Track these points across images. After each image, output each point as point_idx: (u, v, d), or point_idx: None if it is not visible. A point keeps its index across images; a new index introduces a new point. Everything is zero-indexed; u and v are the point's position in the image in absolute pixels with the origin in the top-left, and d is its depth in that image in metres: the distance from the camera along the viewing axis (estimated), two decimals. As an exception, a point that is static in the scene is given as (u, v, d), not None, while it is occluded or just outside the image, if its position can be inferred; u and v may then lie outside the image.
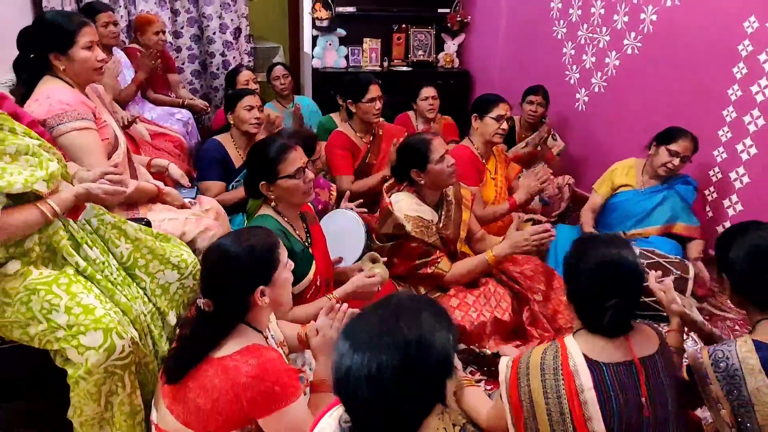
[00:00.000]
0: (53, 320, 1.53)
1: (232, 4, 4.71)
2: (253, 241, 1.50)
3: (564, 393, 1.46)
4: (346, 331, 1.05)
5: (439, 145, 2.43)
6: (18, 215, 1.53)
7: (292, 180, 2.03)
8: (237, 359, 1.39)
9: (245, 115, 2.98)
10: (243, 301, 1.47)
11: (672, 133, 2.98)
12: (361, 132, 3.46)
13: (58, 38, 2.05)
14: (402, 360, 0.98)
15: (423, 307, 1.06)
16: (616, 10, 3.67)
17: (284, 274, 1.55)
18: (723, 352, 1.55)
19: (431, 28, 5.33)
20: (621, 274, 1.48)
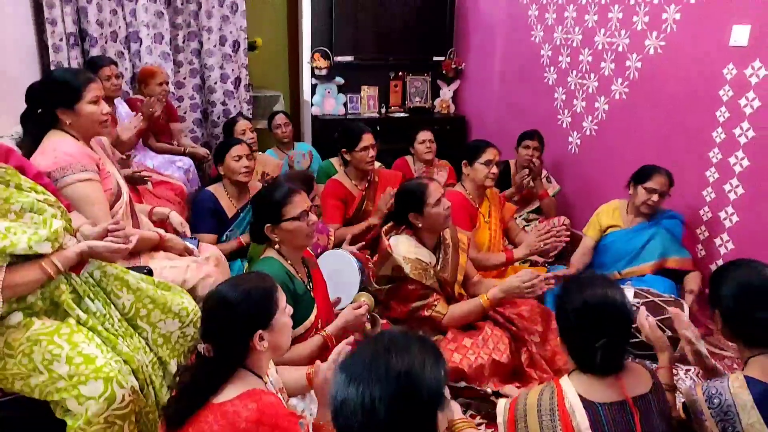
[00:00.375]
0: (54, 371, 1.56)
1: (233, 55, 4.86)
2: (251, 285, 1.53)
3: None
4: (342, 365, 1.10)
5: (435, 189, 2.51)
6: (21, 274, 1.57)
7: (296, 222, 2.11)
8: (236, 404, 1.41)
9: (234, 165, 3.04)
10: (242, 345, 1.49)
11: (646, 172, 3.08)
12: (357, 179, 3.54)
13: (66, 94, 2.13)
14: (393, 391, 1.03)
15: (413, 341, 1.12)
16: (603, 57, 3.80)
17: (283, 319, 1.57)
18: (716, 389, 1.58)
19: (427, 76, 5.49)
20: (608, 314, 1.52)
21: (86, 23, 4.20)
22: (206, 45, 4.77)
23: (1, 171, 1.64)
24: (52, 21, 3.98)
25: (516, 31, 4.67)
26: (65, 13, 4.04)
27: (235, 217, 3.09)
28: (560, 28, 4.17)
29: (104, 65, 3.67)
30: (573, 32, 4.05)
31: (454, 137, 5.25)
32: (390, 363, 1.06)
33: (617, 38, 3.68)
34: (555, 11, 4.20)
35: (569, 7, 4.05)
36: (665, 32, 3.35)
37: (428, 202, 2.47)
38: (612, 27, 3.71)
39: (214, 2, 4.68)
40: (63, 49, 4.05)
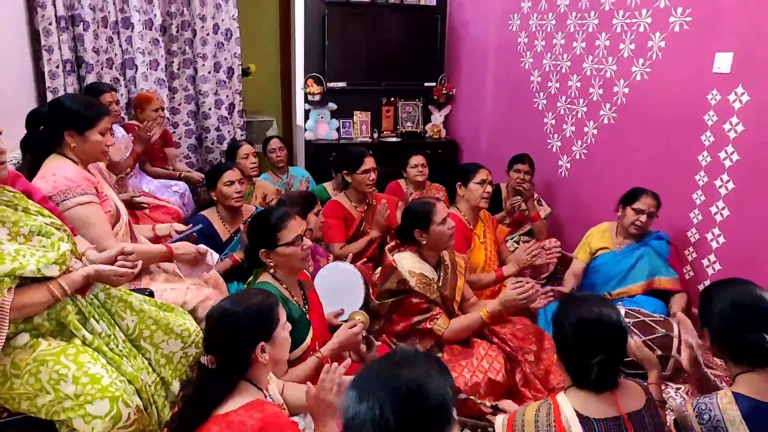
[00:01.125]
0: (61, 390, 1.58)
1: (227, 81, 4.93)
2: (253, 300, 1.59)
3: (556, 449, 1.51)
4: (354, 382, 1.13)
5: (441, 209, 2.59)
6: (30, 295, 1.60)
7: (291, 247, 2.13)
8: (241, 413, 1.43)
9: (226, 190, 3.09)
10: (244, 357, 1.53)
11: (633, 193, 3.18)
12: (356, 202, 3.61)
13: (80, 120, 2.19)
14: (401, 404, 1.06)
15: (423, 357, 1.16)
16: (591, 83, 3.91)
17: (283, 333, 1.62)
18: (706, 405, 1.62)
19: (419, 101, 5.60)
20: (604, 332, 1.57)
21: (82, 50, 4.26)
22: (201, 71, 4.84)
23: (10, 195, 1.68)
24: (49, 48, 4.04)
25: (506, 57, 4.79)
26: (62, 40, 4.10)
27: (228, 241, 3.13)
28: (549, 54, 4.28)
29: (105, 91, 3.72)
30: (562, 59, 4.16)
31: (445, 161, 5.33)
32: (400, 376, 1.09)
33: (605, 65, 3.79)
34: (544, 38, 4.32)
35: (558, 34, 4.18)
36: (651, 59, 3.46)
37: (434, 220, 2.54)
38: (599, 54, 3.82)
39: (209, 29, 4.76)
40: (59, 76, 4.11)
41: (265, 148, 4.48)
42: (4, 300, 1.53)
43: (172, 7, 4.64)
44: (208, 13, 4.72)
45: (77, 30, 4.22)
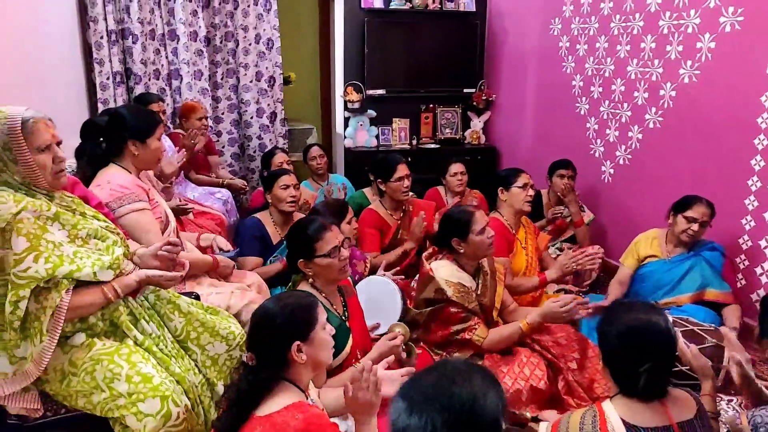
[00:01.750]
0: (115, 389, 1.64)
1: (269, 90, 5.02)
2: (291, 300, 1.62)
3: (603, 457, 1.48)
4: (403, 392, 1.12)
5: (481, 218, 2.56)
6: (84, 297, 1.68)
7: (328, 259, 2.14)
8: (284, 414, 1.45)
9: (282, 193, 3.15)
10: (281, 355, 1.55)
11: (686, 201, 3.06)
12: (392, 209, 3.61)
13: (143, 128, 2.31)
14: (455, 421, 1.04)
15: (476, 371, 1.13)
16: (636, 87, 3.84)
17: (322, 334, 1.63)
18: (762, 417, 1.56)
19: (458, 107, 5.58)
20: (653, 339, 1.53)
21: (131, 62, 4.41)
22: (243, 81, 4.95)
23: (69, 200, 1.77)
24: (100, 61, 4.20)
25: (547, 62, 4.74)
26: (112, 53, 4.26)
27: (279, 244, 3.18)
28: (592, 59, 4.22)
29: (153, 102, 3.84)
30: (605, 63, 4.10)
31: (485, 168, 5.29)
32: (453, 392, 1.07)
33: (651, 68, 3.71)
34: (586, 42, 4.27)
35: (601, 38, 4.11)
36: (700, 61, 3.37)
37: (473, 229, 2.52)
38: (645, 57, 3.75)
39: (251, 39, 4.87)
40: (109, 87, 4.26)
41: (305, 155, 4.54)
42: (62, 300, 1.59)
43: (216, 19, 4.76)
44: (250, 23, 4.83)
45: (126, 43, 4.37)
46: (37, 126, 1.67)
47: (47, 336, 1.60)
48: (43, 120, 1.70)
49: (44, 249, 1.59)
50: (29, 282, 1.55)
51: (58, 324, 1.61)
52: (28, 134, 1.64)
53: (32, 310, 1.59)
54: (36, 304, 1.60)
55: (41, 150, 1.67)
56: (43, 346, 1.60)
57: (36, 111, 1.71)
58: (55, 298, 1.59)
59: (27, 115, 1.66)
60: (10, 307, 1.56)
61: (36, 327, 1.59)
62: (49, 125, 1.72)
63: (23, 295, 1.54)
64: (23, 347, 1.62)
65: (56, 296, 1.60)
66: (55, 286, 1.60)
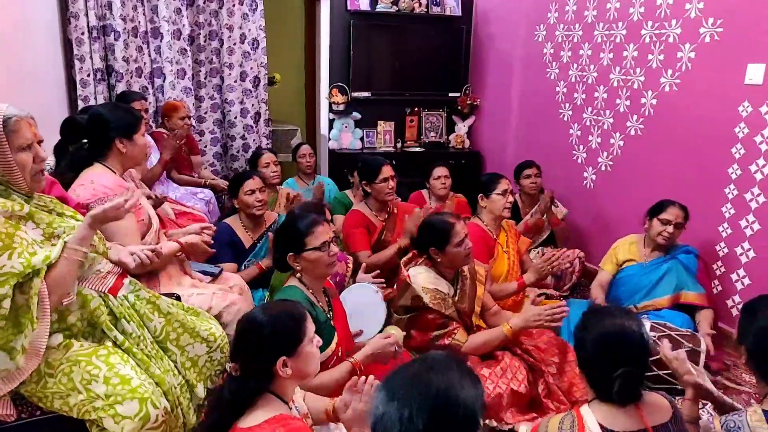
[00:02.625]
0: (92, 390, 1.62)
1: (253, 90, 5.00)
2: (280, 312, 1.57)
3: (581, 461, 1.50)
4: (385, 382, 1.14)
5: (460, 230, 2.55)
6: (57, 270, 1.62)
7: (318, 252, 2.15)
8: (265, 428, 1.43)
9: (247, 199, 3.12)
10: (265, 369, 1.52)
11: (661, 205, 3.14)
12: (377, 211, 3.62)
13: (128, 124, 2.29)
14: (432, 410, 1.06)
15: (454, 364, 1.16)
16: (618, 94, 3.89)
17: (309, 348, 1.59)
18: (734, 422, 1.59)
19: (442, 111, 5.61)
20: (626, 344, 1.55)
21: (113, 59, 4.36)
22: (227, 80, 4.92)
23: (47, 200, 1.75)
24: (81, 57, 4.15)
25: (531, 68, 4.78)
26: (93, 50, 4.21)
27: (252, 248, 3.17)
28: (575, 65, 4.27)
29: (135, 100, 3.81)
30: (588, 70, 4.14)
31: (468, 172, 5.32)
32: (431, 380, 1.10)
33: (632, 76, 3.76)
34: (570, 49, 4.31)
35: (584, 45, 4.16)
36: (680, 70, 3.43)
37: (451, 241, 2.53)
38: (627, 65, 3.80)
39: (236, 39, 4.84)
40: (90, 84, 4.21)
41: (294, 153, 4.55)
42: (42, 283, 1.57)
43: (200, 17, 4.73)
44: (235, 23, 4.80)
45: (108, 39, 4.32)
46: (19, 124, 1.63)
47: (37, 322, 1.56)
48: (25, 118, 1.67)
49: (18, 245, 1.55)
50: (8, 278, 1.51)
51: (45, 307, 1.57)
52: (10, 132, 1.61)
53: (21, 303, 1.55)
54: (23, 295, 1.55)
55: (22, 149, 1.65)
56: (36, 333, 1.57)
57: (19, 109, 1.67)
58: (37, 283, 1.55)
59: (9, 113, 1.62)
60: None
61: (28, 317, 1.55)
62: (31, 124, 1.69)
63: (3, 292, 1.50)
64: (18, 340, 1.57)
65: (38, 282, 1.56)
66: (36, 274, 1.56)
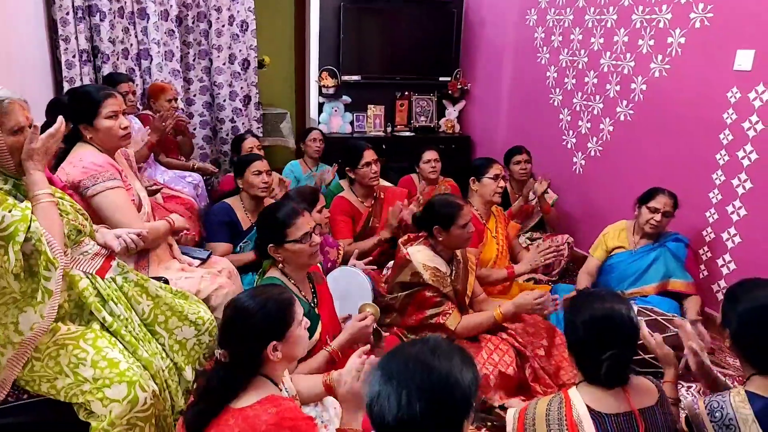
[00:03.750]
0: (80, 374, 1.61)
1: (242, 73, 4.94)
2: (268, 297, 1.58)
3: (568, 443, 1.52)
4: (381, 363, 1.15)
5: (467, 213, 2.58)
6: (40, 217, 1.60)
7: (299, 244, 2.13)
8: (257, 408, 1.44)
9: (254, 179, 3.10)
10: (256, 354, 1.53)
11: (650, 193, 3.15)
12: (363, 197, 3.60)
13: (85, 110, 2.22)
14: (431, 392, 1.08)
15: (455, 350, 1.17)
16: (608, 80, 3.89)
17: (298, 332, 1.61)
18: (718, 403, 1.61)
19: (433, 96, 5.58)
20: (615, 327, 1.56)
21: (99, 40, 4.29)
22: (216, 63, 4.86)
23: None
24: (66, 38, 4.08)
25: (522, 52, 4.76)
26: (78, 30, 4.14)
27: (249, 230, 3.15)
28: (566, 50, 4.26)
29: (122, 81, 3.76)
30: (579, 55, 4.14)
31: (459, 156, 5.32)
32: (433, 365, 1.11)
33: (623, 61, 3.76)
34: (561, 34, 4.30)
35: (575, 30, 4.15)
36: (670, 56, 3.43)
37: (457, 222, 2.54)
38: (617, 50, 3.79)
39: (225, 21, 4.78)
40: (75, 66, 4.14)
41: (304, 137, 4.54)
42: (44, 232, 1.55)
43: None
44: (223, 4, 4.74)
45: (94, 20, 4.24)
46: (12, 107, 1.62)
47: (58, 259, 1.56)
48: (18, 101, 1.65)
49: (12, 203, 1.54)
50: (16, 225, 1.48)
51: (54, 248, 1.56)
52: (2, 115, 1.60)
53: (28, 252, 1.53)
54: (29, 243, 1.52)
55: (13, 132, 1.63)
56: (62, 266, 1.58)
57: (12, 92, 1.66)
58: (38, 227, 1.54)
59: (2, 95, 1.61)
60: (15, 258, 1.48)
61: (44, 259, 1.54)
62: (24, 107, 1.67)
63: (20, 240, 1.48)
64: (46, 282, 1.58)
65: (37, 225, 1.54)
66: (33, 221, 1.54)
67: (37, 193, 1.65)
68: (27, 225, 1.50)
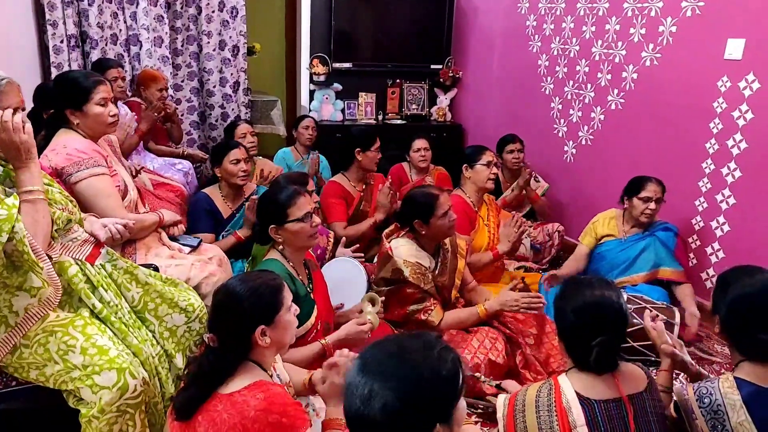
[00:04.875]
0: (69, 361, 1.60)
1: (232, 59, 4.89)
2: (258, 282, 1.57)
3: (557, 428, 1.53)
4: (362, 356, 1.14)
5: (444, 202, 2.56)
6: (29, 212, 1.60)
7: (300, 223, 2.15)
8: (245, 394, 1.44)
9: (232, 168, 3.08)
10: (244, 339, 1.53)
11: (638, 183, 3.14)
12: (355, 181, 3.63)
13: (75, 95, 2.19)
14: (393, 391, 1.05)
15: (435, 349, 1.13)
16: (600, 68, 3.89)
17: (287, 317, 1.61)
18: (707, 389, 1.63)
19: (424, 83, 5.56)
20: (605, 314, 1.57)
21: (87, 26, 4.23)
22: (205, 49, 4.81)
23: None
24: (53, 23, 4.02)
25: (514, 41, 4.75)
26: (66, 15, 4.07)
27: (230, 218, 3.15)
28: (558, 38, 4.25)
29: (111, 67, 3.72)
30: (570, 43, 4.13)
31: (450, 145, 5.31)
32: (400, 364, 1.09)
33: (614, 49, 3.76)
34: (553, 22, 4.29)
35: (567, 18, 4.14)
36: (661, 44, 3.43)
37: (436, 213, 2.53)
38: (609, 38, 3.79)
39: (214, 7, 4.72)
40: (63, 51, 4.09)
41: (297, 124, 4.51)
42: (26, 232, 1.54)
43: (177, -17, 4.60)
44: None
45: (82, 5, 4.18)
46: (11, 86, 1.63)
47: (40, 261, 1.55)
48: (16, 83, 1.66)
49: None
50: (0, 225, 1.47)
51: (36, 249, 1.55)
52: (1, 93, 1.60)
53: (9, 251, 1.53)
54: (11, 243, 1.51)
55: None
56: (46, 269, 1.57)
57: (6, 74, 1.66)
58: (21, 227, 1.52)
59: (1, 74, 1.62)
60: None
61: (26, 260, 1.53)
62: (19, 90, 1.67)
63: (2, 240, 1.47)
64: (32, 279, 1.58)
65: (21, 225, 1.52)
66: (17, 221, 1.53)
67: (27, 189, 1.62)
68: (11, 225, 1.48)
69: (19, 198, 1.58)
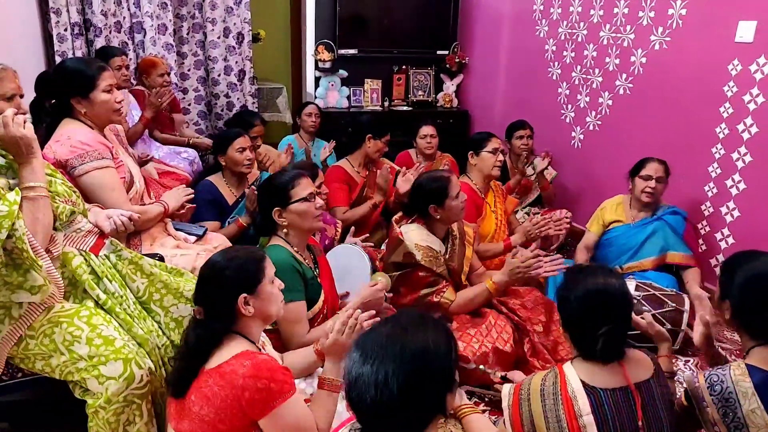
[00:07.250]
0: (75, 351, 1.60)
1: (237, 47, 4.87)
2: (239, 253, 1.61)
3: (564, 417, 1.52)
4: (358, 342, 1.15)
5: (456, 183, 2.57)
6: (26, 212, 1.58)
7: (305, 203, 2.15)
8: (232, 363, 1.45)
9: (237, 156, 3.06)
10: (228, 308, 1.54)
11: (639, 163, 3.15)
12: (359, 167, 3.62)
13: (80, 83, 2.16)
14: (407, 368, 1.08)
15: (429, 322, 1.17)
16: (608, 53, 3.83)
17: (269, 288, 1.62)
18: (718, 376, 1.61)
19: (430, 69, 5.52)
20: (609, 302, 1.55)
21: (90, 13, 4.21)
22: (210, 37, 4.78)
23: None
24: (57, 11, 4.00)
25: (520, 25, 4.69)
26: (70, 3, 4.06)
27: (235, 205, 3.14)
28: (565, 23, 4.19)
29: (115, 55, 3.70)
30: (578, 27, 4.07)
31: (456, 131, 5.28)
32: (405, 342, 1.11)
33: (622, 33, 3.70)
34: (560, 6, 4.23)
35: (575, 2, 4.08)
36: (671, 28, 3.38)
37: (450, 194, 2.52)
38: (617, 22, 3.73)
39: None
40: (67, 39, 4.07)
41: (300, 111, 4.50)
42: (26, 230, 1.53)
43: (181, -30, 4.57)
44: (217, -24, 4.65)
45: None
46: (6, 73, 1.62)
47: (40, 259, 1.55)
48: (10, 69, 1.65)
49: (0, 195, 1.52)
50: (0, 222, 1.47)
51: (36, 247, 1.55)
52: None
53: (9, 248, 1.52)
54: (10, 240, 1.50)
55: (5, 99, 1.62)
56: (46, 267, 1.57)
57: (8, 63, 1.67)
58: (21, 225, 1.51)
59: None
60: None
61: (26, 257, 1.53)
62: (15, 76, 1.66)
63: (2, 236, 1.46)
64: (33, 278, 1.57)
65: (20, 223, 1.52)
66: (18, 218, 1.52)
67: (28, 185, 1.60)
68: (11, 222, 1.48)
69: (20, 194, 1.58)
